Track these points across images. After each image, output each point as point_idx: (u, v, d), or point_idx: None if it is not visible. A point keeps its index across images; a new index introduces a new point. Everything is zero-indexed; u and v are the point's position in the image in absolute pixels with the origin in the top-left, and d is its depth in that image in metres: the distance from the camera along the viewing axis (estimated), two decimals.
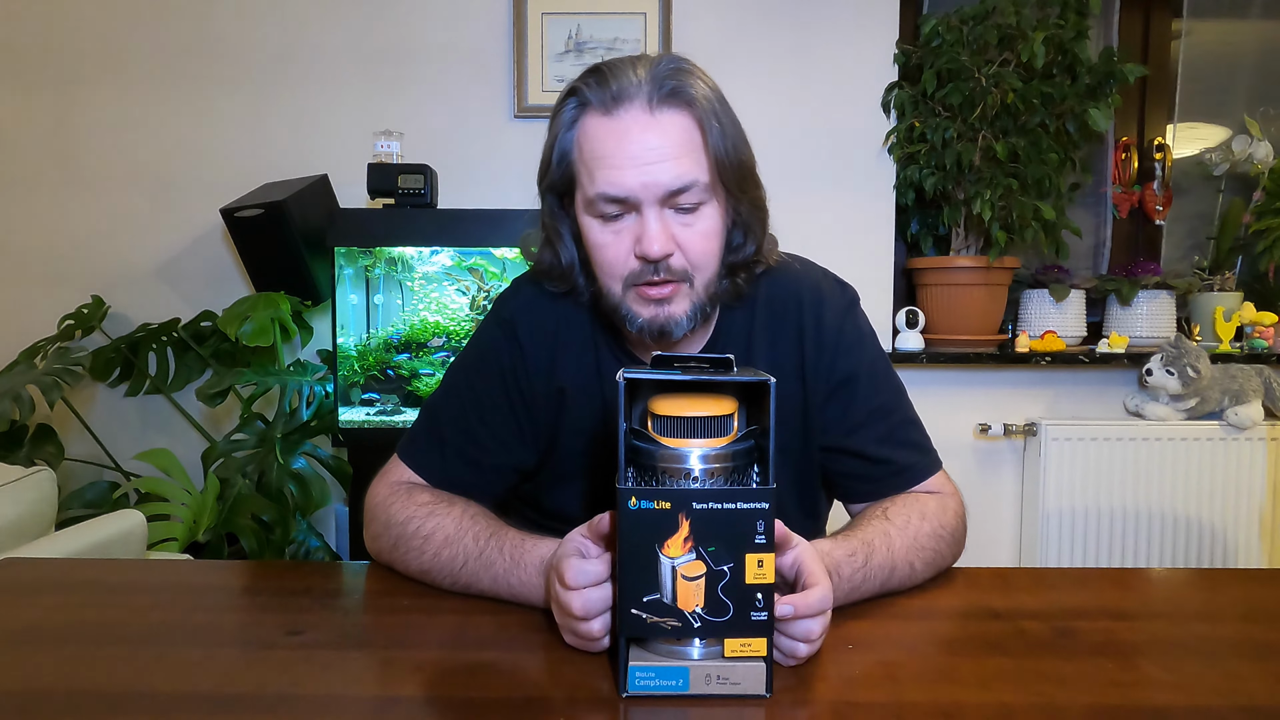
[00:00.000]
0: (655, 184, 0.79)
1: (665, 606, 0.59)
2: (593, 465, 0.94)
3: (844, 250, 2.19)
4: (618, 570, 0.60)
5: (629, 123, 0.79)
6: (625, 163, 0.79)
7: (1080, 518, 2.10)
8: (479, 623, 0.75)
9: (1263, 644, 0.71)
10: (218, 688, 0.62)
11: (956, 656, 0.67)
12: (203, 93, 2.19)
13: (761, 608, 0.59)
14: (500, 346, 0.94)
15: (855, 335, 0.94)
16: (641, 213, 0.81)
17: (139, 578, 0.89)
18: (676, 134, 0.80)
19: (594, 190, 0.81)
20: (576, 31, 2.15)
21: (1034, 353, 2.12)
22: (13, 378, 1.87)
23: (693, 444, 0.61)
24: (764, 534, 0.59)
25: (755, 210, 0.88)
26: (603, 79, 0.81)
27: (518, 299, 0.97)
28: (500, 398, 0.93)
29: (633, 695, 0.60)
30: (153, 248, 2.22)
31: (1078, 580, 0.89)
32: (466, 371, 0.97)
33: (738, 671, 0.60)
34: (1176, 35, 2.37)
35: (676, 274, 0.82)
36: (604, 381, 0.93)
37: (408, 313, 2.06)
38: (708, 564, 0.59)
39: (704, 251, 0.83)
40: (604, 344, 0.94)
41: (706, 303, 0.86)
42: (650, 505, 0.58)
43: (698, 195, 0.81)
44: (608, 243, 0.83)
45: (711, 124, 0.81)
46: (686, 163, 0.80)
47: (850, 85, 2.18)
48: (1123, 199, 2.35)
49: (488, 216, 1.91)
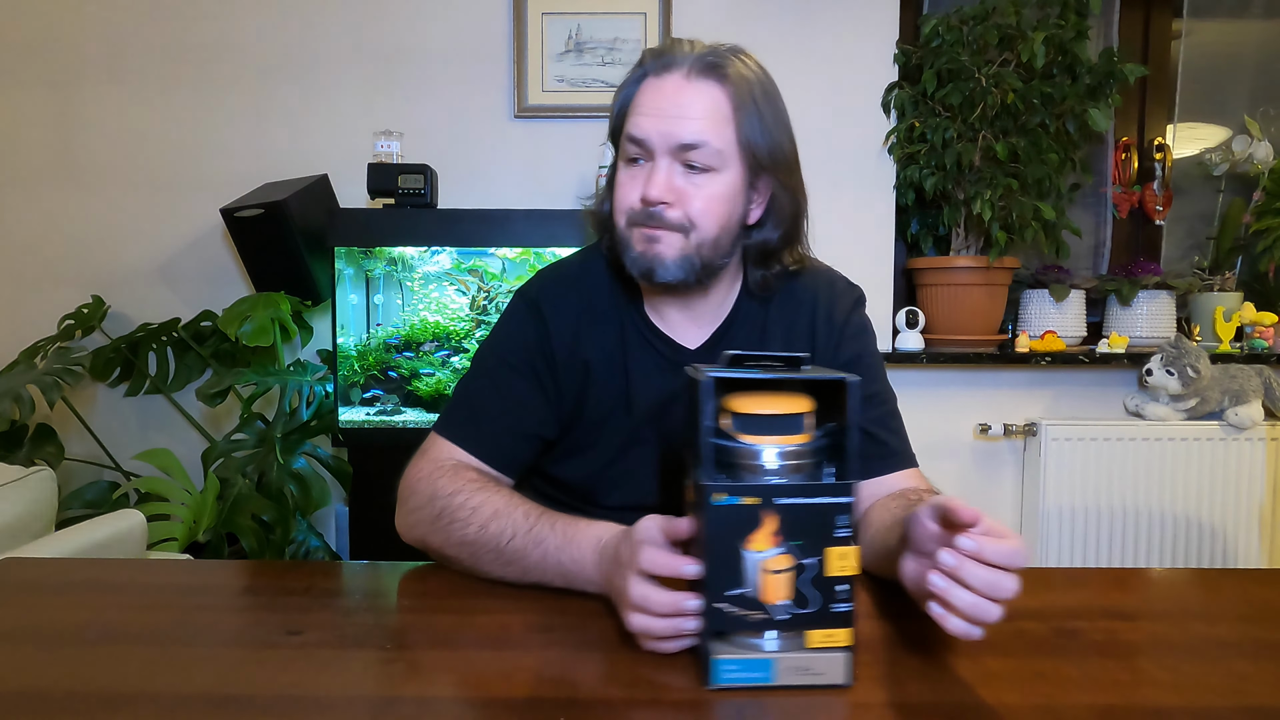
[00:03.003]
0: (669, 134, 0.88)
1: (750, 600, 0.60)
2: (607, 437, 0.98)
3: (844, 250, 2.19)
4: (704, 564, 0.61)
5: (668, 82, 0.89)
6: (652, 111, 0.89)
7: (1080, 518, 2.10)
8: (480, 622, 0.75)
9: (1263, 644, 0.71)
10: (218, 688, 0.62)
11: (956, 656, 0.67)
12: (203, 93, 2.19)
13: (844, 599, 0.61)
14: (526, 322, 0.99)
15: (859, 326, 1.01)
16: (655, 160, 0.89)
17: (139, 578, 0.89)
18: (704, 100, 0.88)
19: (625, 133, 0.91)
20: (576, 31, 2.15)
21: (1034, 353, 2.12)
22: (13, 378, 1.87)
23: (774, 441, 0.62)
24: (846, 527, 0.60)
25: (788, 197, 0.94)
26: (665, 49, 0.92)
27: (541, 282, 1.02)
28: (526, 368, 0.98)
29: (719, 688, 0.61)
30: (153, 248, 2.22)
31: (1078, 580, 0.89)
32: (494, 349, 1.01)
33: (820, 662, 0.61)
34: (1176, 35, 2.37)
35: (671, 224, 0.89)
36: (627, 354, 0.98)
37: (408, 313, 2.06)
38: (792, 557, 0.60)
39: (704, 211, 0.89)
40: (629, 320, 0.99)
41: (698, 262, 0.91)
42: (735, 501, 0.59)
43: (709, 157, 0.88)
44: (624, 182, 0.92)
45: (744, 101, 0.89)
46: (704, 124, 0.88)
47: (850, 85, 2.18)
48: (1123, 199, 2.35)
49: (488, 216, 1.91)
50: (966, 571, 0.59)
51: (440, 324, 2.03)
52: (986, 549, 0.59)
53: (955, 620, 0.59)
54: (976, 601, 0.58)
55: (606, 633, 0.71)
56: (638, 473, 0.98)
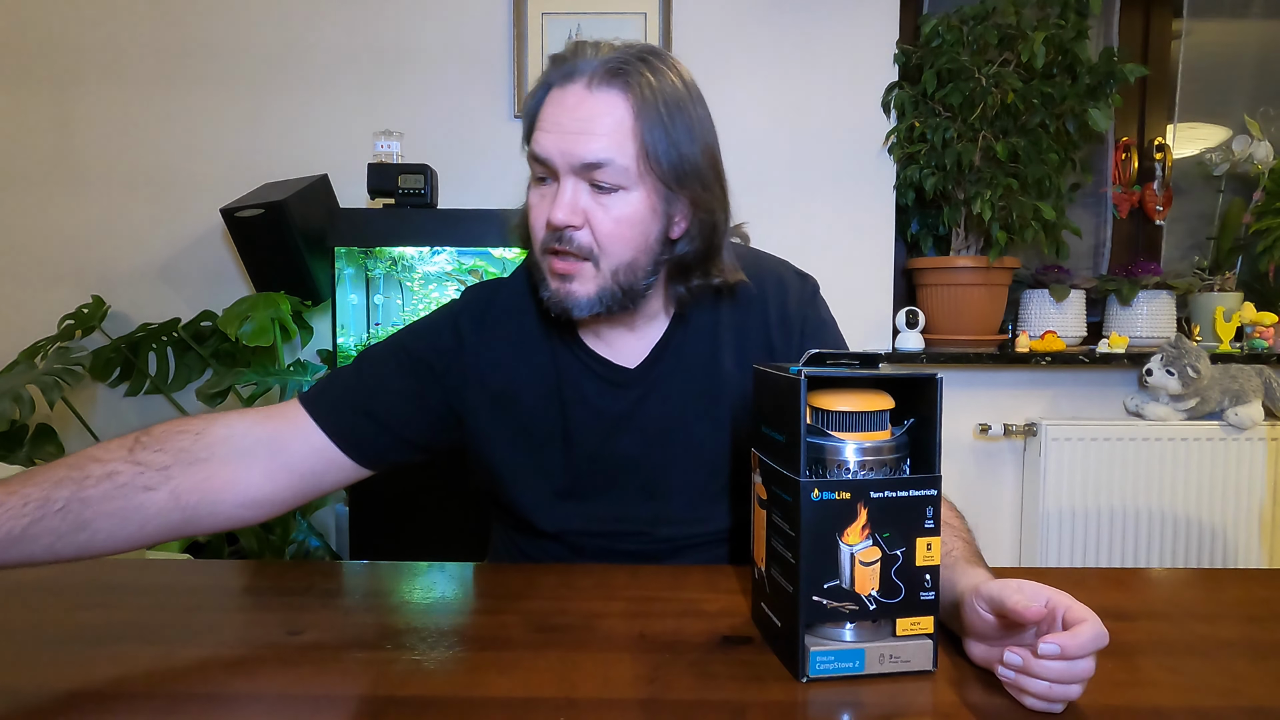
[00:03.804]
0: (570, 153, 0.82)
1: (844, 591, 0.62)
2: (545, 466, 0.93)
3: (844, 250, 2.20)
4: (800, 559, 0.62)
5: (569, 94, 0.83)
6: (552, 127, 0.83)
7: (1080, 518, 2.10)
8: (480, 622, 0.75)
9: (1263, 644, 0.71)
10: (218, 688, 0.62)
11: (957, 656, 0.67)
12: (202, 93, 2.19)
13: (929, 587, 0.63)
14: (438, 333, 0.95)
15: (818, 321, 0.97)
16: (560, 180, 0.84)
17: (139, 578, 0.89)
18: (606, 113, 0.82)
19: (528, 150, 0.87)
20: (576, 32, 2.15)
21: (1034, 353, 2.12)
22: (13, 378, 1.87)
23: (862, 438, 0.65)
24: (932, 519, 0.63)
25: (703, 212, 0.87)
26: (567, 55, 0.85)
27: (472, 302, 0.98)
28: (410, 369, 0.93)
29: (813, 679, 0.62)
30: (153, 248, 2.22)
31: (1077, 580, 0.89)
32: (393, 341, 0.96)
33: (908, 649, 0.63)
34: (1176, 35, 2.37)
35: (581, 249, 0.84)
36: (562, 383, 0.93)
37: (407, 313, 2.06)
38: (883, 549, 0.62)
39: (613, 235, 0.84)
40: (561, 347, 0.94)
41: (618, 291, 0.86)
42: (831, 496, 0.61)
43: (615, 176, 0.82)
44: (534, 204, 0.88)
45: (648, 113, 0.82)
46: (606, 141, 0.81)
47: (850, 85, 2.18)
48: (1123, 199, 2.35)
49: (488, 216, 1.91)
50: (1037, 668, 0.57)
51: None
52: (1069, 648, 0.56)
53: (1031, 700, 0.58)
54: (1050, 688, 0.57)
55: (607, 633, 0.71)
56: (582, 499, 0.93)
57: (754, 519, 0.72)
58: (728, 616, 0.75)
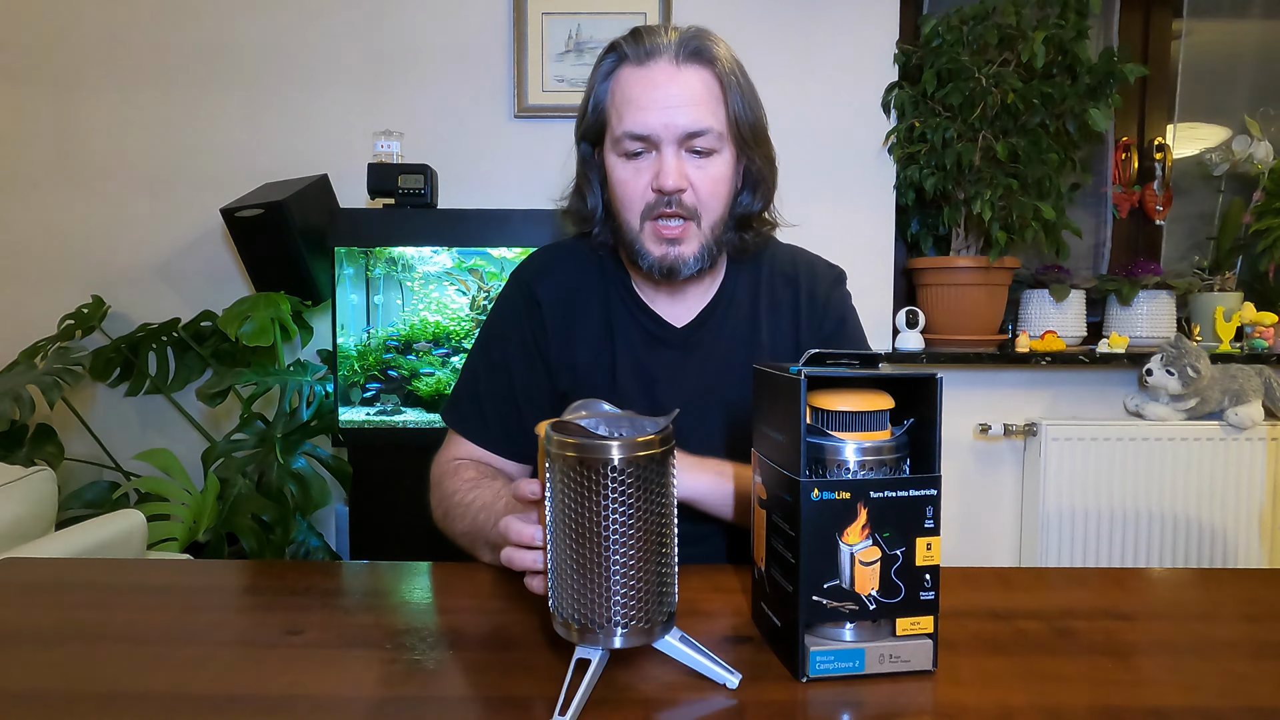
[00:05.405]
0: (675, 125, 0.90)
1: (844, 591, 0.62)
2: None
3: (844, 250, 2.18)
4: (800, 559, 0.62)
5: (657, 73, 0.91)
6: (650, 105, 0.90)
7: (1080, 518, 2.10)
8: (479, 622, 0.75)
9: (1263, 644, 0.71)
10: (218, 688, 0.62)
11: (956, 656, 0.67)
12: (203, 93, 2.19)
13: (929, 587, 0.63)
14: (518, 300, 1.04)
15: (840, 303, 1.07)
16: (660, 151, 0.91)
17: (139, 578, 0.89)
18: (698, 86, 0.91)
19: (621, 129, 0.92)
20: (576, 31, 2.15)
21: (1034, 353, 2.12)
22: (13, 378, 1.87)
23: (861, 438, 0.65)
24: (932, 519, 0.63)
25: (766, 166, 0.99)
26: (638, 38, 0.92)
27: (531, 263, 1.07)
28: (518, 346, 1.03)
29: (813, 679, 0.63)
30: (153, 248, 2.22)
31: (1077, 580, 0.89)
32: (493, 329, 1.06)
33: (908, 649, 0.63)
34: (1176, 35, 2.37)
35: (687, 209, 0.93)
36: (614, 325, 1.01)
37: (407, 313, 2.06)
38: (882, 549, 0.62)
39: (713, 194, 0.93)
40: (615, 294, 1.03)
41: (713, 246, 0.96)
42: (831, 496, 0.62)
43: (712, 141, 0.92)
44: (629, 178, 0.94)
45: (730, 81, 0.93)
46: (704, 110, 0.91)
47: (850, 85, 2.18)
48: (1123, 199, 2.35)
49: (488, 216, 1.91)
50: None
51: (440, 324, 2.03)
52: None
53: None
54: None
55: None
56: None
57: (754, 519, 0.72)
58: (728, 616, 0.75)
